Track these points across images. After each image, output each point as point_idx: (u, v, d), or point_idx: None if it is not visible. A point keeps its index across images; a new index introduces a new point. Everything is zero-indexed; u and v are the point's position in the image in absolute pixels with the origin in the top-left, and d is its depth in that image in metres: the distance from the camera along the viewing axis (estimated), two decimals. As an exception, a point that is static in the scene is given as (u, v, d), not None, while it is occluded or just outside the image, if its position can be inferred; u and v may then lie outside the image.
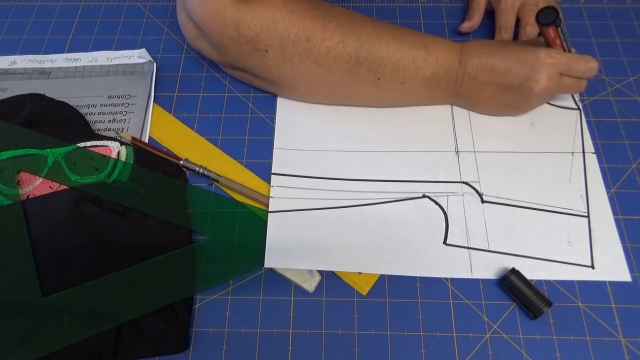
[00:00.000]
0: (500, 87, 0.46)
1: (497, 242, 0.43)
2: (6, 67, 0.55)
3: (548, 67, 0.44)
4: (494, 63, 0.45)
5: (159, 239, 0.43)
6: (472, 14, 0.57)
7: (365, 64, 0.45)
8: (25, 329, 0.38)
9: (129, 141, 0.48)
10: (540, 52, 0.44)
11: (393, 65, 0.45)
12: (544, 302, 0.39)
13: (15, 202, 0.43)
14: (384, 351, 0.39)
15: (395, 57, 0.45)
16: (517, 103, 0.47)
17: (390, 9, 0.60)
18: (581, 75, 0.45)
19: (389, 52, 0.45)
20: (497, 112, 0.50)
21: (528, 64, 0.44)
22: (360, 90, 0.47)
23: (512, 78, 0.45)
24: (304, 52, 0.44)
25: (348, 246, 0.43)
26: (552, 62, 0.44)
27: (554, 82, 0.45)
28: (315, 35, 0.44)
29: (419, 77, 0.46)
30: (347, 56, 0.44)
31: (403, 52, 0.45)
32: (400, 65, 0.45)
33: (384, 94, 0.48)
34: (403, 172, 0.47)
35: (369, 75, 0.45)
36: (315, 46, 0.44)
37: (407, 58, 0.45)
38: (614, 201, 0.45)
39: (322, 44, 0.44)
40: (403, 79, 0.46)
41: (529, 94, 0.45)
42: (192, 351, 0.39)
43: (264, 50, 0.44)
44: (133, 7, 0.61)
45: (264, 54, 0.45)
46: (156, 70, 0.54)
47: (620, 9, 0.59)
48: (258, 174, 0.48)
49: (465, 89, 0.47)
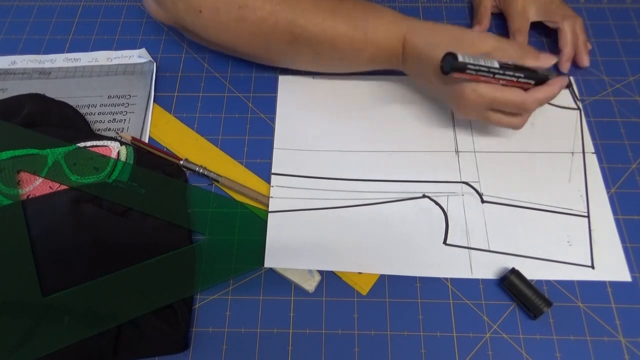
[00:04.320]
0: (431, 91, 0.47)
1: (497, 242, 0.43)
2: (6, 67, 0.55)
3: (468, 106, 0.41)
4: (428, 73, 0.43)
5: (159, 239, 0.43)
6: (481, 18, 0.56)
7: (301, 39, 0.44)
8: (25, 329, 0.38)
9: (129, 141, 0.48)
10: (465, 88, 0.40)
11: (329, 43, 0.44)
12: (544, 302, 0.39)
13: (15, 202, 0.43)
14: (384, 351, 0.39)
15: (330, 36, 0.44)
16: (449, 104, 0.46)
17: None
18: (512, 111, 0.42)
19: (324, 28, 0.43)
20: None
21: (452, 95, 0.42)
22: (303, 60, 0.48)
23: (437, 93, 0.45)
24: (238, 20, 0.43)
25: (348, 246, 0.43)
26: (472, 103, 0.41)
27: (479, 116, 0.43)
28: (248, 3, 0.43)
29: (358, 56, 0.45)
30: (282, 29, 0.44)
31: (339, 31, 0.43)
32: (337, 45, 0.44)
33: (327, 66, 0.48)
34: (403, 172, 0.47)
35: (308, 49, 0.45)
36: (247, 15, 0.43)
37: (344, 39, 0.44)
38: (614, 201, 0.45)
39: (255, 14, 0.43)
40: (342, 57, 0.46)
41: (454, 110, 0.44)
42: (192, 351, 0.39)
43: (197, 10, 0.44)
44: (133, 7, 0.61)
45: (198, 14, 0.44)
46: (156, 70, 0.54)
47: (620, 9, 0.59)
48: (258, 174, 0.48)
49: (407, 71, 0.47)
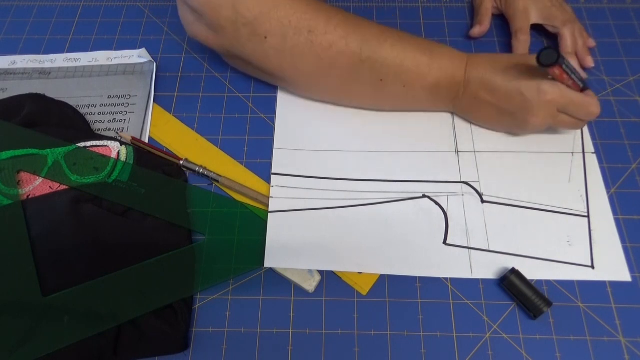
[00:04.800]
0: (498, 110, 0.45)
1: (497, 242, 0.43)
2: (6, 67, 0.55)
3: (547, 103, 0.42)
4: (496, 85, 0.44)
5: (159, 239, 0.43)
6: (482, 18, 0.56)
7: (368, 63, 0.44)
8: (25, 329, 0.38)
9: (129, 141, 0.48)
10: (543, 85, 0.42)
11: (397, 67, 0.44)
12: (544, 302, 0.39)
13: (15, 202, 0.43)
14: (384, 351, 0.39)
15: (399, 59, 0.44)
16: (512, 127, 0.47)
17: (390, 9, 0.60)
18: (580, 117, 0.44)
19: (394, 53, 0.44)
20: (494, 129, 0.49)
21: (528, 95, 0.42)
22: (362, 90, 0.47)
23: (510, 104, 0.44)
24: (306, 44, 0.43)
25: (348, 246, 0.43)
26: (551, 99, 0.42)
27: (550, 118, 0.44)
28: (318, 27, 0.43)
29: (421, 82, 0.45)
30: (350, 53, 0.43)
31: (407, 54, 0.44)
32: (404, 68, 0.44)
33: (385, 97, 0.47)
34: (403, 172, 0.47)
35: (371, 75, 0.45)
36: (317, 38, 0.43)
37: (411, 62, 0.44)
38: (614, 201, 0.45)
39: (325, 37, 0.43)
40: (405, 83, 0.45)
41: (524, 123, 0.45)
42: (192, 351, 0.39)
43: (263, 37, 0.43)
44: (133, 7, 0.61)
45: (263, 41, 0.44)
46: (156, 70, 0.54)
47: (620, 9, 0.59)
48: (258, 174, 0.48)
49: (465, 104, 0.47)
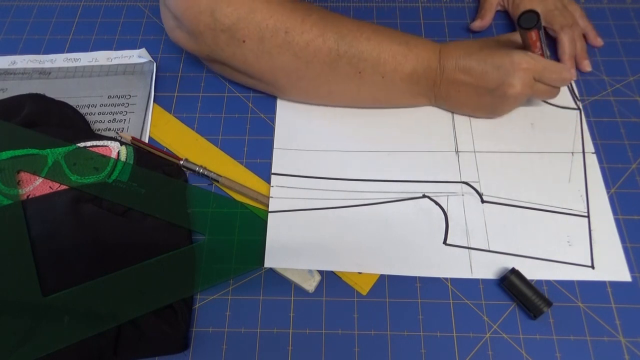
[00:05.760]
0: (476, 90, 0.46)
1: (497, 242, 0.43)
2: (6, 67, 0.55)
3: (522, 72, 0.44)
4: (471, 65, 0.45)
5: (159, 239, 0.43)
6: (484, 13, 0.57)
7: (345, 58, 0.44)
8: (25, 329, 0.38)
9: (129, 141, 0.48)
10: (515, 56, 0.43)
11: (374, 59, 0.45)
12: (544, 302, 0.39)
13: (15, 202, 0.43)
14: (384, 351, 0.39)
15: (375, 51, 0.45)
16: (493, 105, 0.48)
17: (390, 9, 0.60)
18: (554, 83, 0.45)
19: (370, 45, 0.44)
20: (475, 114, 0.50)
21: (503, 67, 0.44)
22: (340, 85, 0.47)
23: (487, 81, 0.45)
24: (283, 44, 0.44)
25: (348, 246, 0.43)
26: (527, 67, 0.43)
27: (527, 87, 0.45)
28: (295, 27, 0.43)
29: (399, 73, 0.46)
30: (327, 49, 0.44)
31: (384, 46, 0.45)
32: (381, 60, 0.45)
33: (365, 90, 0.47)
34: (403, 172, 0.47)
35: (349, 69, 0.45)
36: (294, 38, 0.44)
37: (388, 52, 0.45)
38: (614, 201, 0.45)
39: (302, 37, 0.44)
40: (383, 74, 0.46)
41: (504, 97, 0.45)
42: (192, 351, 0.39)
43: (241, 41, 0.44)
44: (133, 7, 0.61)
45: (241, 45, 0.44)
46: (156, 70, 0.54)
47: (620, 9, 0.59)
48: (258, 174, 0.48)
49: (444, 91, 0.47)
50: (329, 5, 0.61)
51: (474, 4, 0.61)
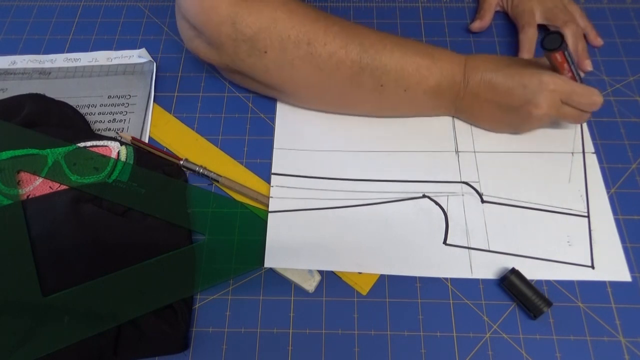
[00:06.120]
0: (500, 107, 0.45)
1: (497, 242, 0.43)
2: (6, 67, 0.55)
3: (549, 93, 0.43)
4: (497, 81, 0.44)
5: (159, 239, 0.43)
6: (483, 13, 0.57)
7: (368, 70, 0.44)
8: (25, 329, 0.38)
9: (129, 141, 0.48)
10: (544, 76, 0.43)
11: (397, 72, 0.44)
12: (544, 302, 0.39)
13: (15, 202, 0.43)
14: (384, 351, 0.39)
15: (399, 64, 0.44)
16: (515, 124, 0.47)
17: (390, 9, 0.60)
18: (583, 107, 0.44)
19: (393, 58, 0.44)
20: (496, 130, 0.49)
21: (530, 87, 0.43)
22: (362, 98, 0.47)
23: (512, 99, 0.44)
24: (305, 56, 0.43)
25: (348, 246, 0.43)
26: (554, 89, 0.43)
27: (554, 109, 0.44)
28: (317, 39, 0.43)
29: (422, 86, 0.45)
30: (350, 62, 0.43)
31: (407, 59, 0.44)
32: (404, 73, 0.44)
33: (386, 102, 0.47)
34: (403, 172, 0.47)
35: (372, 81, 0.44)
36: (317, 50, 0.43)
37: (412, 66, 0.44)
38: (614, 201, 0.45)
39: (324, 48, 0.43)
40: (406, 87, 0.45)
41: (528, 117, 0.44)
42: (192, 351, 0.39)
43: (263, 51, 0.43)
44: (133, 7, 0.61)
45: (263, 55, 0.44)
46: (156, 70, 0.54)
47: (620, 9, 0.59)
48: (258, 174, 0.48)
49: (467, 104, 0.47)
50: (329, 6, 0.61)
51: (474, 4, 0.61)
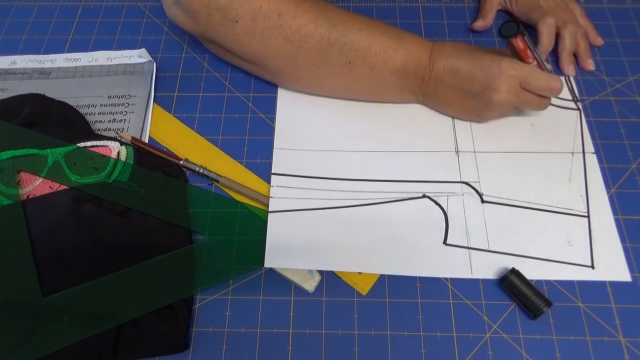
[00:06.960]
0: (462, 92, 0.46)
1: (497, 242, 0.43)
2: (6, 67, 0.55)
3: (508, 77, 0.44)
4: (459, 67, 0.45)
5: (159, 239, 0.43)
6: (485, 13, 0.57)
7: (336, 46, 0.45)
8: (25, 329, 0.38)
9: (129, 141, 0.48)
10: (504, 61, 0.44)
11: (364, 50, 0.45)
12: (544, 302, 0.39)
13: (15, 202, 0.43)
14: (384, 351, 0.39)
15: (366, 42, 0.45)
16: (478, 110, 0.47)
17: (390, 9, 0.60)
18: (542, 92, 0.45)
19: (361, 36, 0.45)
20: (460, 116, 0.50)
21: (490, 72, 0.44)
22: (331, 74, 0.47)
23: (473, 84, 0.45)
24: (275, 27, 0.44)
25: (348, 246, 0.43)
26: (513, 74, 0.44)
27: (512, 94, 0.44)
28: (288, 11, 0.44)
29: (389, 66, 0.46)
30: (319, 36, 0.45)
31: (375, 38, 0.45)
32: (371, 51, 0.45)
33: (354, 81, 0.48)
34: (403, 172, 0.47)
35: (339, 57, 0.45)
36: (286, 22, 0.44)
37: (379, 45, 0.45)
38: (614, 201, 0.45)
39: (294, 21, 0.44)
40: (373, 66, 0.46)
41: (489, 102, 0.45)
42: (192, 351, 0.39)
43: (234, 20, 0.45)
44: (133, 7, 0.61)
45: (234, 25, 0.45)
46: (156, 70, 0.54)
47: (620, 9, 0.59)
48: (258, 174, 0.48)
49: (432, 89, 0.47)
50: (329, 5, 0.61)
51: (474, 4, 0.61)
